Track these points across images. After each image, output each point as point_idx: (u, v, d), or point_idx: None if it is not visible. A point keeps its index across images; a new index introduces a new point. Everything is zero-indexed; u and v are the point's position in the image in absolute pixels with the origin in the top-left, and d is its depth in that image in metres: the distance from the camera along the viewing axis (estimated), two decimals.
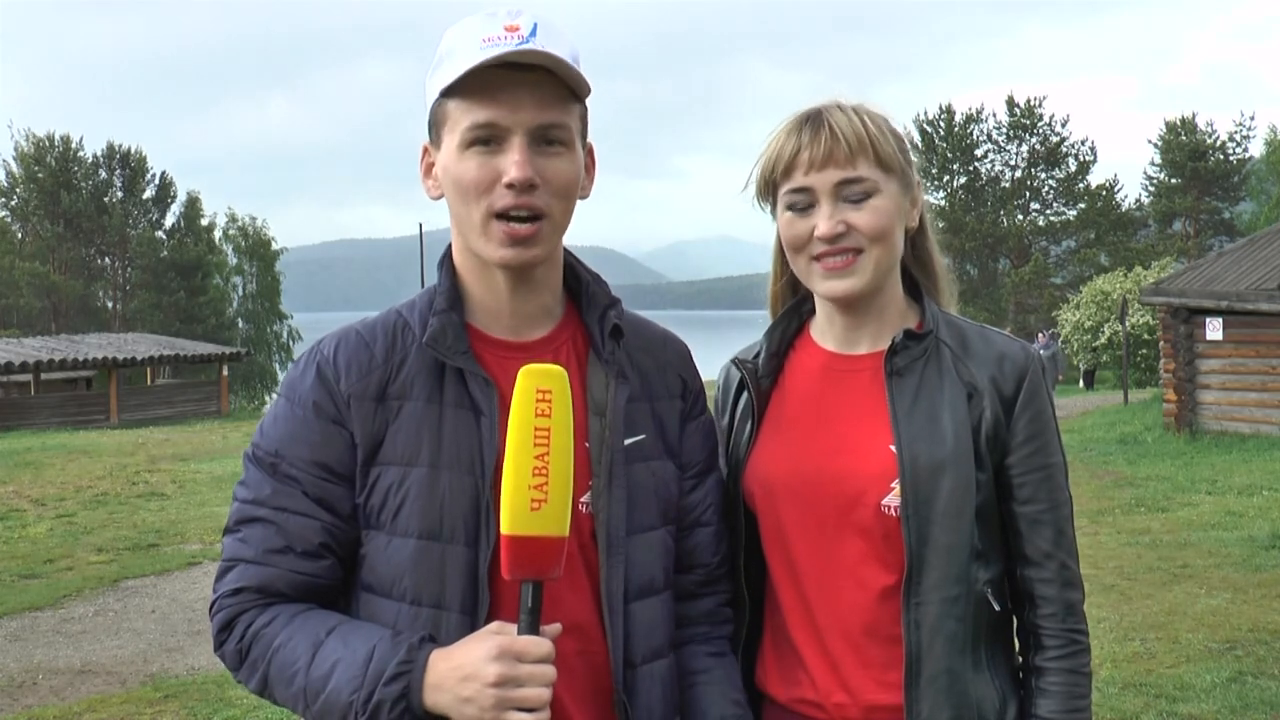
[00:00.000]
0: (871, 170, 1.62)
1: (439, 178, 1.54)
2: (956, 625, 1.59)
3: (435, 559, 1.46)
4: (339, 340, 1.55)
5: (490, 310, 1.57)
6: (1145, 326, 29.07)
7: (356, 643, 1.43)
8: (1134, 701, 5.54)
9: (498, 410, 1.48)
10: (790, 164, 1.64)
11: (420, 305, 1.58)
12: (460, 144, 1.48)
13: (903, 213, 1.68)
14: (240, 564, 1.50)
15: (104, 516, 13.35)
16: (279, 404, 1.55)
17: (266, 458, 1.51)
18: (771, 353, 1.77)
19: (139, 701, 6.35)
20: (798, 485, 1.66)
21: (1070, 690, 1.62)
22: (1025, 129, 56.75)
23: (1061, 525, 1.66)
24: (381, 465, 1.49)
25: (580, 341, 1.61)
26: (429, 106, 1.53)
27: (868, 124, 1.62)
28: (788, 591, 1.70)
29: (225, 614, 1.50)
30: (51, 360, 31.22)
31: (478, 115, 1.46)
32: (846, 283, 1.64)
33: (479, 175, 1.47)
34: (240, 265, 59.96)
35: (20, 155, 56.75)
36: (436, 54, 1.53)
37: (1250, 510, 11.06)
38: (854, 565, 1.63)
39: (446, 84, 1.47)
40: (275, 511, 1.49)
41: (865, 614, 1.63)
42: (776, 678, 1.71)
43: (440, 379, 1.51)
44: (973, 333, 1.70)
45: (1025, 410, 1.64)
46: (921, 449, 1.60)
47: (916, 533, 1.58)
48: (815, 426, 1.69)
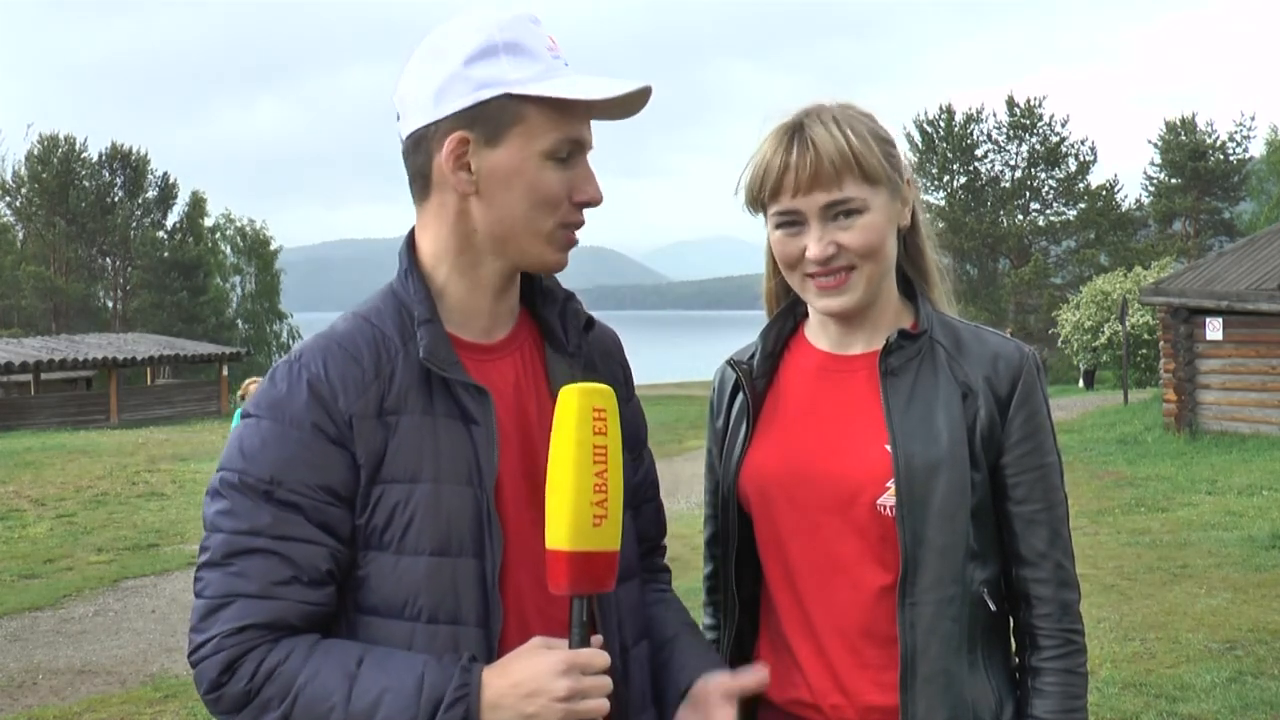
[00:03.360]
0: (858, 188, 1.60)
1: (488, 175, 1.47)
2: (952, 625, 1.59)
3: (448, 575, 1.43)
4: (323, 356, 1.46)
5: (466, 315, 1.54)
6: (1145, 326, 29.05)
7: (399, 670, 1.38)
8: (1134, 701, 5.54)
9: (494, 418, 1.47)
10: (777, 186, 1.63)
11: (390, 313, 1.52)
12: (545, 153, 1.46)
13: (894, 220, 1.67)
14: (238, 599, 1.40)
15: (104, 516, 13.36)
16: (263, 426, 1.44)
17: (259, 484, 1.41)
18: (767, 353, 1.77)
19: (139, 701, 6.35)
20: (793, 486, 1.66)
21: (1066, 690, 1.62)
22: (1025, 129, 56.75)
23: (1057, 525, 1.65)
24: (384, 484, 1.44)
25: (536, 337, 1.61)
26: (477, 95, 1.44)
27: (851, 138, 1.60)
28: (783, 593, 1.70)
29: (226, 655, 1.39)
30: (51, 360, 31.22)
31: (570, 131, 1.47)
32: (840, 300, 1.65)
33: (560, 190, 1.48)
34: (239, 265, 59.95)
35: (28, 156, 56.88)
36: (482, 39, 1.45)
37: (1250, 510, 11.06)
38: (850, 566, 1.63)
39: (551, 93, 1.43)
40: (277, 541, 1.40)
41: (862, 614, 1.62)
42: (773, 680, 1.71)
43: (429, 391, 1.48)
44: (967, 332, 1.69)
45: (1020, 410, 1.64)
46: (916, 449, 1.59)
47: (911, 533, 1.58)
48: (810, 427, 1.69)
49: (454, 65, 1.45)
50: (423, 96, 1.47)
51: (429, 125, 1.47)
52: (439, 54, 1.47)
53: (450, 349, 1.49)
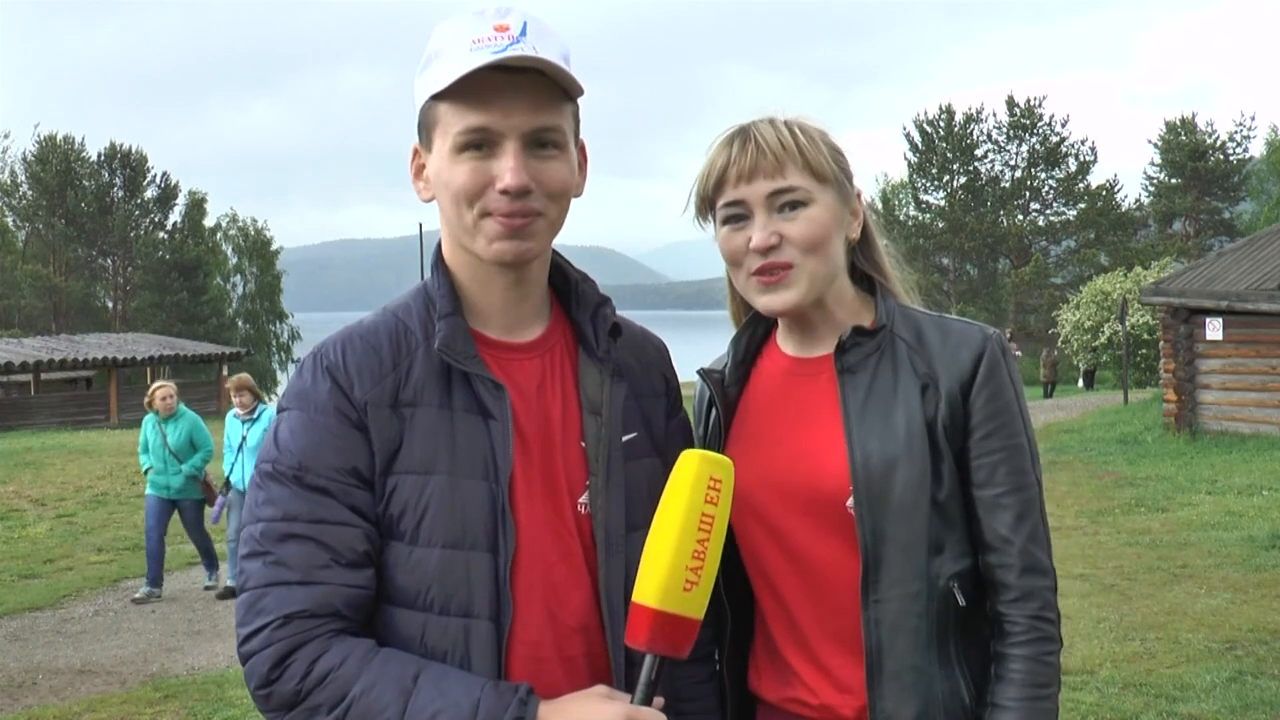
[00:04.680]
0: (802, 178, 1.61)
1: (430, 180, 1.52)
2: (918, 621, 1.57)
3: (460, 567, 1.44)
4: (343, 346, 1.50)
5: (486, 312, 1.55)
6: (1145, 326, 29.06)
7: (455, 692, 1.38)
8: (1134, 701, 5.54)
9: (510, 414, 1.48)
10: (721, 178, 1.63)
11: (416, 308, 1.55)
12: (453, 148, 1.46)
13: (841, 223, 1.66)
14: (279, 587, 1.39)
15: (104, 516, 13.36)
16: (292, 416, 1.47)
17: (289, 471, 1.43)
18: (738, 361, 1.77)
19: (139, 701, 6.35)
20: (767, 493, 1.65)
21: (1030, 678, 1.58)
22: (1025, 129, 56.75)
23: (1023, 510, 1.61)
24: (399, 474, 1.45)
25: (570, 340, 1.61)
26: (418, 108, 1.51)
27: (797, 134, 1.62)
28: (768, 599, 1.69)
29: (279, 648, 1.38)
30: (51, 360, 31.23)
31: (470, 120, 1.44)
32: (781, 296, 1.63)
33: (472, 180, 1.46)
34: (240, 265, 59.96)
35: (24, 156, 56.94)
36: (424, 53, 1.50)
37: (1250, 510, 11.07)
38: (827, 568, 1.62)
39: (438, 88, 1.44)
40: (312, 525, 1.41)
41: (844, 615, 1.61)
42: (769, 681, 1.70)
43: (448, 384, 1.49)
44: (928, 324, 1.67)
45: (981, 391, 1.61)
46: (874, 446, 1.58)
47: (872, 530, 1.57)
48: (781, 433, 1.68)
49: (416, 78, 1.52)
50: None
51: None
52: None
53: (470, 343, 1.50)
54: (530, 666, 1.46)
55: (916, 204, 58.08)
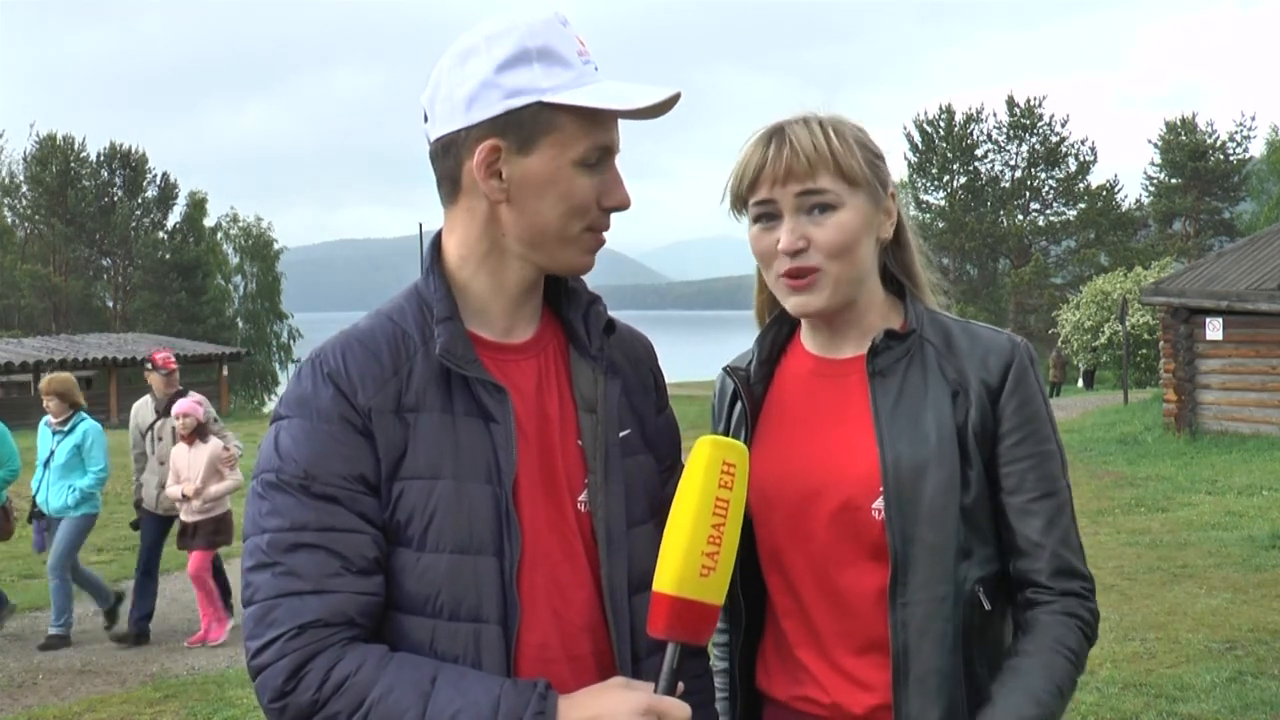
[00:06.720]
0: (833, 183, 1.61)
1: (517, 181, 1.48)
2: (945, 625, 1.58)
3: (469, 572, 1.44)
4: (343, 351, 1.48)
5: (487, 313, 1.55)
6: (1145, 326, 29.08)
7: (473, 691, 1.37)
8: (1134, 701, 5.54)
9: (513, 417, 1.48)
10: (755, 179, 1.64)
11: (411, 311, 1.54)
12: (576, 160, 1.47)
13: (872, 226, 1.67)
14: (291, 598, 1.37)
15: (104, 516, 13.31)
16: (293, 424, 1.45)
17: (295, 480, 1.41)
18: (762, 360, 1.77)
19: (139, 701, 6.35)
20: (790, 493, 1.65)
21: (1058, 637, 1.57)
22: (1025, 129, 56.78)
23: (1054, 515, 1.61)
24: (404, 480, 1.45)
25: (561, 339, 1.61)
26: (509, 103, 1.44)
27: (831, 137, 1.62)
28: (785, 598, 1.69)
29: (293, 659, 1.35)
30: (51, 360, 31.22)
31: (599, 138, 1.47)
32: (806, 300, 1.64)
33: (590, 195, 1.49)
34: (241, 265, 59.95)
35: (24, 156, 56.97)
36: (513, 45, 1.45)
37: (1250, 510, 11.07)
38: (849, 570, 1.63)
39: (584, 102, 1.43)
40: (321, 534, 1.40)
41: (863, 618, 1.62)
42: (779, 679, 1.70)
43: (448, 388, 1.48)
44: (957, 329, 1.69)
45: (1011, 399, 1.62)
46: (904, 449, 1.59)
47: (901, 533, 1.57)
48: (806, 432, 1.68)
49: (486, 72, 1.45)
50: (454, 101, 1.47)
51: (459, 131, 1.47)
52: (470, 59, 1.46)
53: (469, 347, 1.49)
54: (538, 667, 1.46)
55: (917, 204, 58.08)
